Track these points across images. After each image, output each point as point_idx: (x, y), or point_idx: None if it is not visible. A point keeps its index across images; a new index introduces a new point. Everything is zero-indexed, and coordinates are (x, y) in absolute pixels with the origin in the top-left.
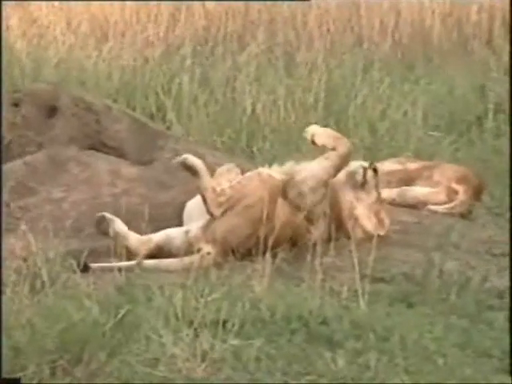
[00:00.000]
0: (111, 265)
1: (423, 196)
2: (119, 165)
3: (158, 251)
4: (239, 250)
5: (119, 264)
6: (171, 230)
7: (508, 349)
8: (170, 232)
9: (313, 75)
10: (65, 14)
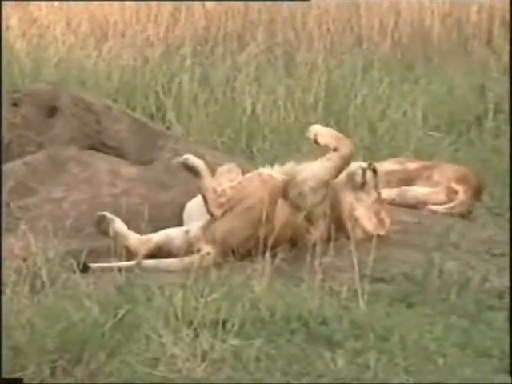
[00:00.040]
0: (111, 265)
1: (423, 196)
2: (119, 165)
3: (158, 251)
4: (239, 251)
5: (119, 264)
6: (171, 230)
7: (508, 349)
8: (170, 232)
9: (312, 75)
10: (64, 14)
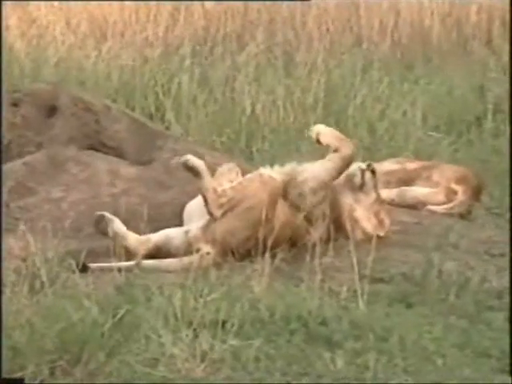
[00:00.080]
0: (110, 265)
1: (422, 196)
2: (118, 165)
3: (157, 251)
4: (238, 251)
5: (118, 264)
6: (170, 230)
7: (507, 349)
8: (170, 232)
9: (312, 75)
10: (64, 14)
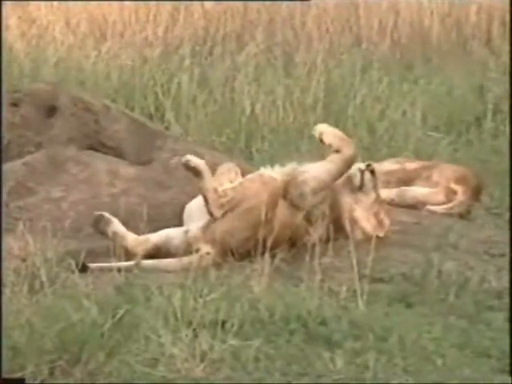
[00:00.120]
0: (110, 265)
1: (422, 196)
2: (118, 165)
3: (156, 251)
4: (238, 251)
5: (118, 264)
6: (170, 230)
7: (507, 349)
8: (169, 232)
9: (312, 75)
10: (64, 14)
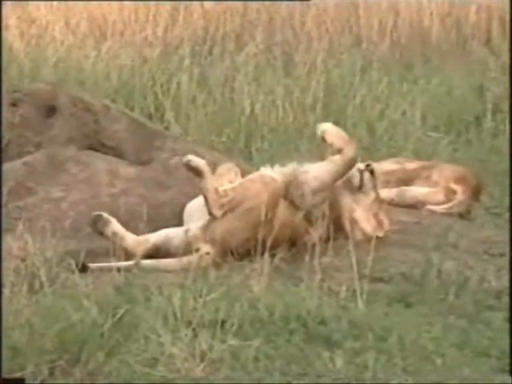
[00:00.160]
0: (110, 265)
1: (422, 196)
2: (117, 165)
3: (156, 251)
4: (238, 251)
5: (118, 264)
6: (170, 230)
7: (506, 348)
8: (169, 232)
9: (311, 75)
10: (63, 14)
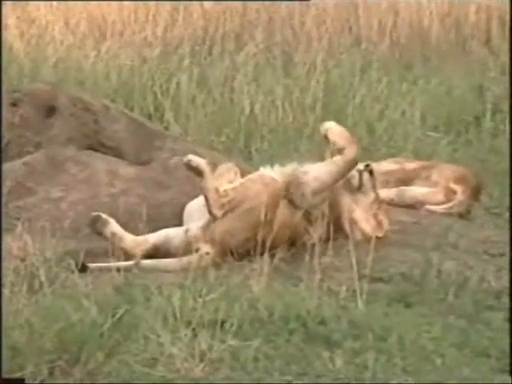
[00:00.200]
0: (109, 265)
1: (421, 196)
2: (117, 165)
3: (155, 251)
4: (238, 251)
5: (117, 264)
6: (169, 230)
7: (506, 349)
8: (169, 232)
9: (311, 75)
10: (63, 14)
